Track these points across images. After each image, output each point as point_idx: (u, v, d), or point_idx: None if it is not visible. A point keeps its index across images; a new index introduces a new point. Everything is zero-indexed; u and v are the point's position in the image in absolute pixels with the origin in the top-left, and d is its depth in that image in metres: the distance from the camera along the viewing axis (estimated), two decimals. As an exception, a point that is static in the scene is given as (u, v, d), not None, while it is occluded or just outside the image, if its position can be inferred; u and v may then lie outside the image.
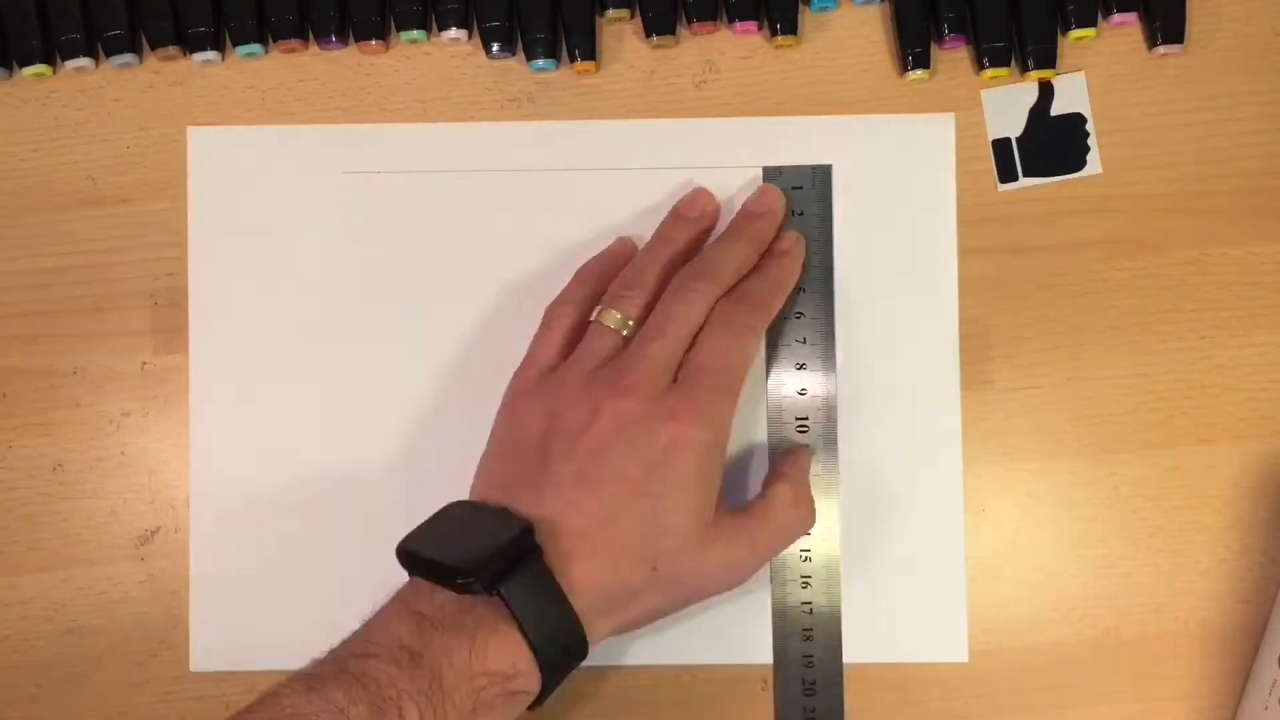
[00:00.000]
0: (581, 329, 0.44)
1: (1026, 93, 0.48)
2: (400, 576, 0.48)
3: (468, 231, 0.48)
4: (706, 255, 0.45)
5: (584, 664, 0.47)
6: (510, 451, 0.42)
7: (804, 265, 0.47)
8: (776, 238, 0.46)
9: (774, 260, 0.46)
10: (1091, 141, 0.48)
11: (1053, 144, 0.48)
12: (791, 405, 0.47)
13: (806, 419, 0.47)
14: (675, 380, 0.42)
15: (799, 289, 0.47)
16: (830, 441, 0.47)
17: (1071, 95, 0.48)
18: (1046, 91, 0.48)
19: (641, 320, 0.43)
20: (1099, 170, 0.48)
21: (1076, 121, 0.48)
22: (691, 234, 0.46)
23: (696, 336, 0.42)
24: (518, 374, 0.44)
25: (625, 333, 0.43)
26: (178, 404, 0.48)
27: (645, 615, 0.42)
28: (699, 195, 0.47)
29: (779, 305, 0.45)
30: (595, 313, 0.44)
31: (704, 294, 0.43)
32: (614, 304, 0.44)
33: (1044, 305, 0.48)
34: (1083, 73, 0.48)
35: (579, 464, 0.40)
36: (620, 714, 0.47)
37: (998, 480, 0.48)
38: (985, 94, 0.48)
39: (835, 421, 0.47)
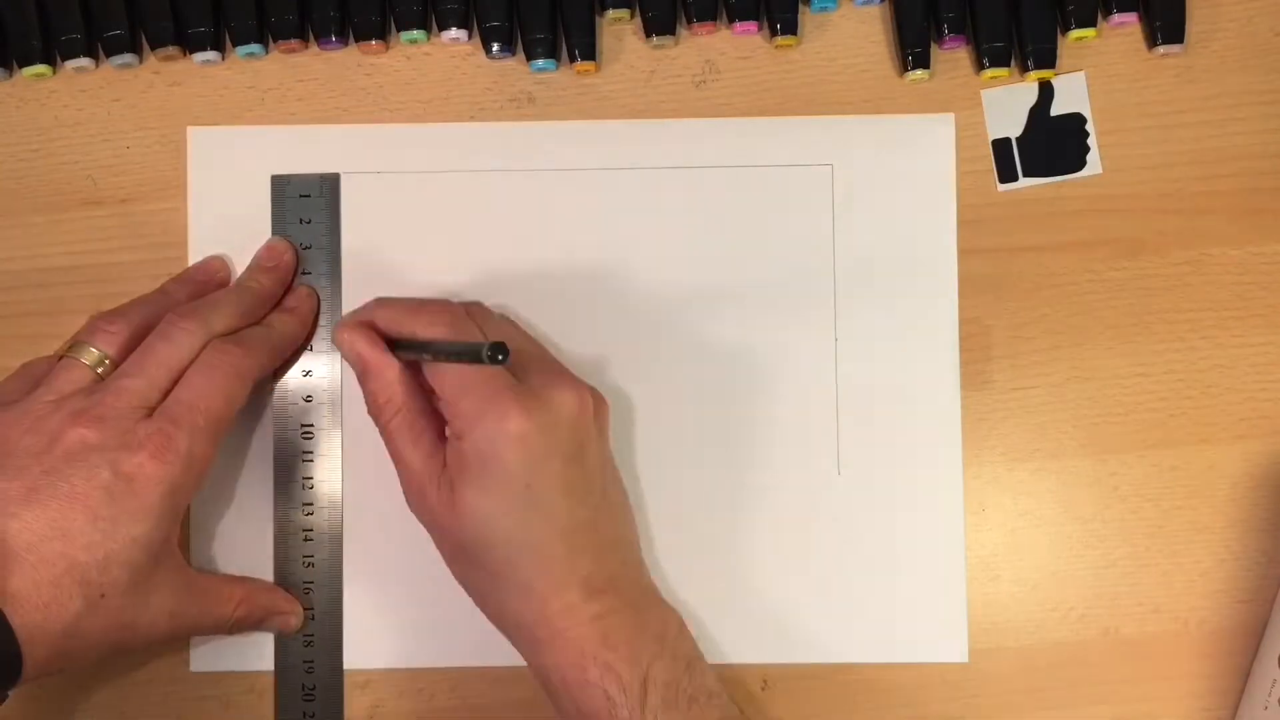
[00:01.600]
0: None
1: (1026, 93, 0.48)
2: (397, 577, 0.48)
3: (467, 231, 0.48)
4: (201, 300, 0.45)
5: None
6: None
7: (315, 322, 0.47)
8: (287, 293, 0.47)
9: (278, 315, 0.46)
10: (1091, 141, 0.48)
11: (1053, 144, 0.48)
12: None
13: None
14: (151, 415, 0.41)
15: (308, 347, 0.47)
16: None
17: (1071, 95, 0.48)
18: (1046, 91, 0.48)
19: (120, 361, 0.42)
20: (1099, 170, 0.48)
21: (1076, 121, 0.48)
22: (195, 294, 0.46)
23: (184, 375, 0.42)
24: None
25: (100, 370, 0.42)
26: (178, 404, 0.48)
27: (85, 650, 0.40)
28: (209, 263, 0.47)
29: (277, 359, 0.45)
30: (68, 345, 0.43)
31: (190, 333, 0.42)
32: (91, 338, 0.42)
33: (1044, 305, 0.48)
34: (1083, 73, 0.48)
35: (30, 480, 0.39)
36: (620, 714, 0.47)
37: (997, 480, 0.48)
38: (985, 94, 0.48)
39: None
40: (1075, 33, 0.47)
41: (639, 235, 0.48)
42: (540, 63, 0.48)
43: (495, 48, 0.48)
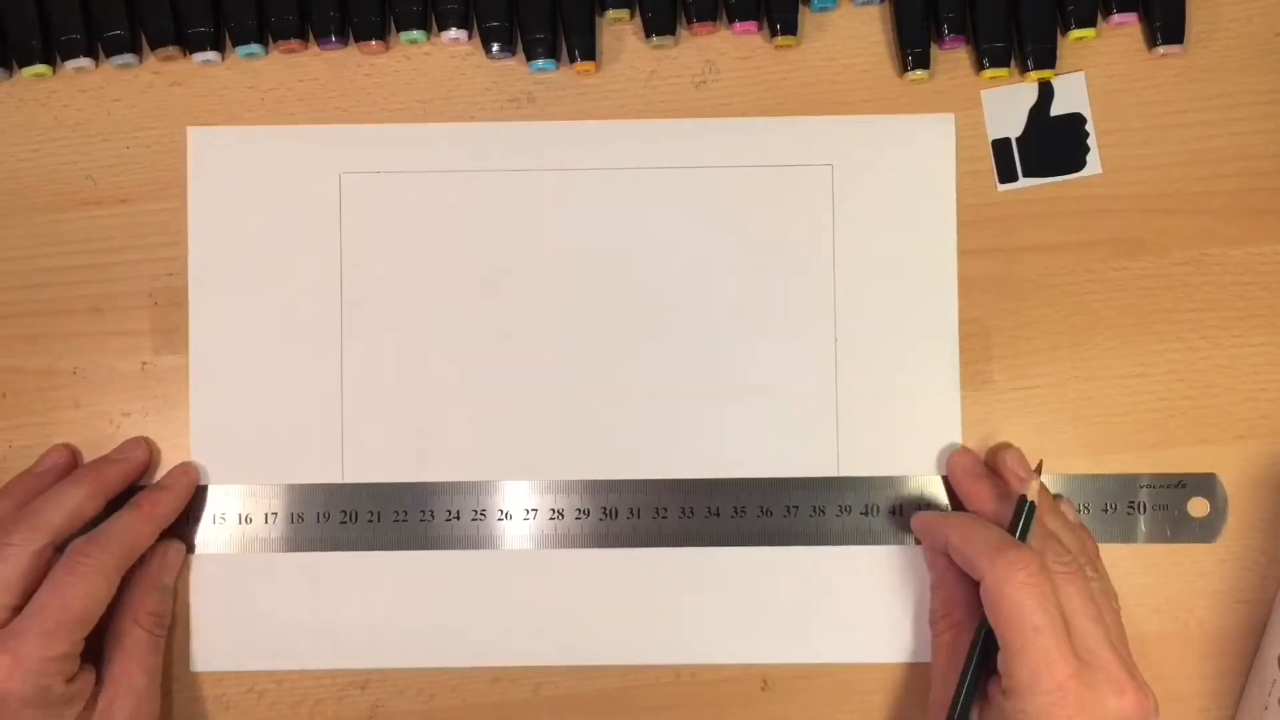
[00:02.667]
0: None
1: (1026, 93, 0.48)
2: (396, 577, 0.48)
3: (467, 232, 0.48)
4: (34, 503, 0.44)
5: (582, 664, 0.47)
6: None
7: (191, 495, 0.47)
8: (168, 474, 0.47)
9: (147, 494, 0.46)
10: (1091, 141, 0.48)
11: (1052, 144, 0.48)
12: None
13: None
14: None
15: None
16: None
17: (1071, 95, 0.48)
18: (1046, 91, 0.48)
19: None
20: (1099, 170, 0.48)
21: (1076, 121, 0.48)
22: (43, 485, 0.45)
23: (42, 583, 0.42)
24: None
25: None
26: (178, 404, 0.48)
27: None
28: (53, 453, 0.47)
29: (144, 541, 0.45)
30: None
31: (19, 548, 0.42)
32: None
33: (1043, 305, 0.48)
34: (1082, 73, 0.48)
35: None
36: (618, 713, 0.47)
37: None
38: (985, 94, 0.48)
39: None
40: (1075, 33, 0.47)
41: (639, 235, 0.48)
42: (540, 63, 0.48)
43: (495, 48, 0.48)
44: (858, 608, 0.47)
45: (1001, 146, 0.48)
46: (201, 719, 0.47)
